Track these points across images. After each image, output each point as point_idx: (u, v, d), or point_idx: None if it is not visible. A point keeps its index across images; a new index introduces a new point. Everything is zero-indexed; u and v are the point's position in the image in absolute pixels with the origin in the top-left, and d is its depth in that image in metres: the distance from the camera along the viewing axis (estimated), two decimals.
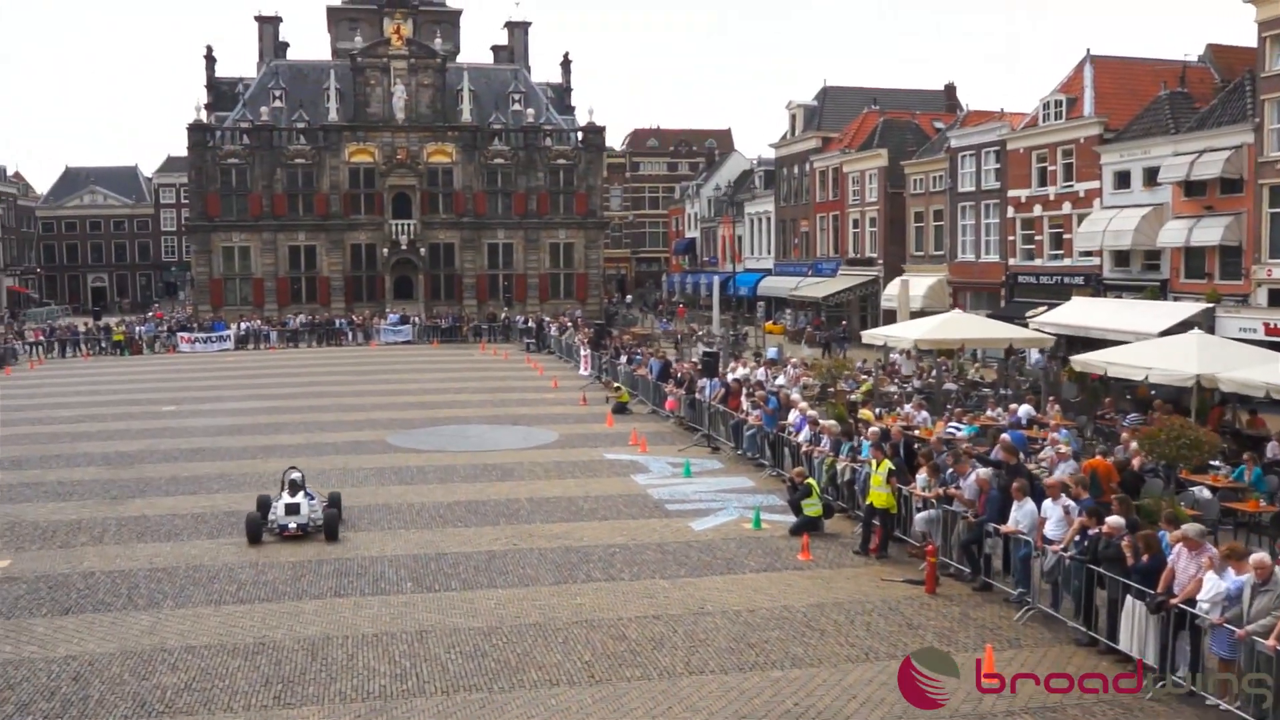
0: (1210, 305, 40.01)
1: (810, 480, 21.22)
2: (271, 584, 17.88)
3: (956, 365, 41.92)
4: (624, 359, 42.58)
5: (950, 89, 76.02)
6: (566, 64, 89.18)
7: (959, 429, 27.52)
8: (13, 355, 59.61)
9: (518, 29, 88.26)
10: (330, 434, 32.95)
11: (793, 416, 25.99)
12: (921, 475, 19.42)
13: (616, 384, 38.70)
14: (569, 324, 61.60)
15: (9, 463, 28.97)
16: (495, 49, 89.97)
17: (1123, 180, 45.74)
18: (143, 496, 24.66)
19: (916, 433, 27.92)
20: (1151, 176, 43.76)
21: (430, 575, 18.30)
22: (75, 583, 18.09)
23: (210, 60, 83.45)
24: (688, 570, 18.54)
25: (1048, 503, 16.29)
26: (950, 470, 18.70)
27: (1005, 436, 24.40)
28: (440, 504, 23.55)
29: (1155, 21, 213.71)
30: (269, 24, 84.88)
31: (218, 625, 15.95)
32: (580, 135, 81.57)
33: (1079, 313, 44.10)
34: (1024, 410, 30.57)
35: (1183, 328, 38.85)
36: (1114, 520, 14.50)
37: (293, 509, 20.96)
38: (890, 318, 58.49)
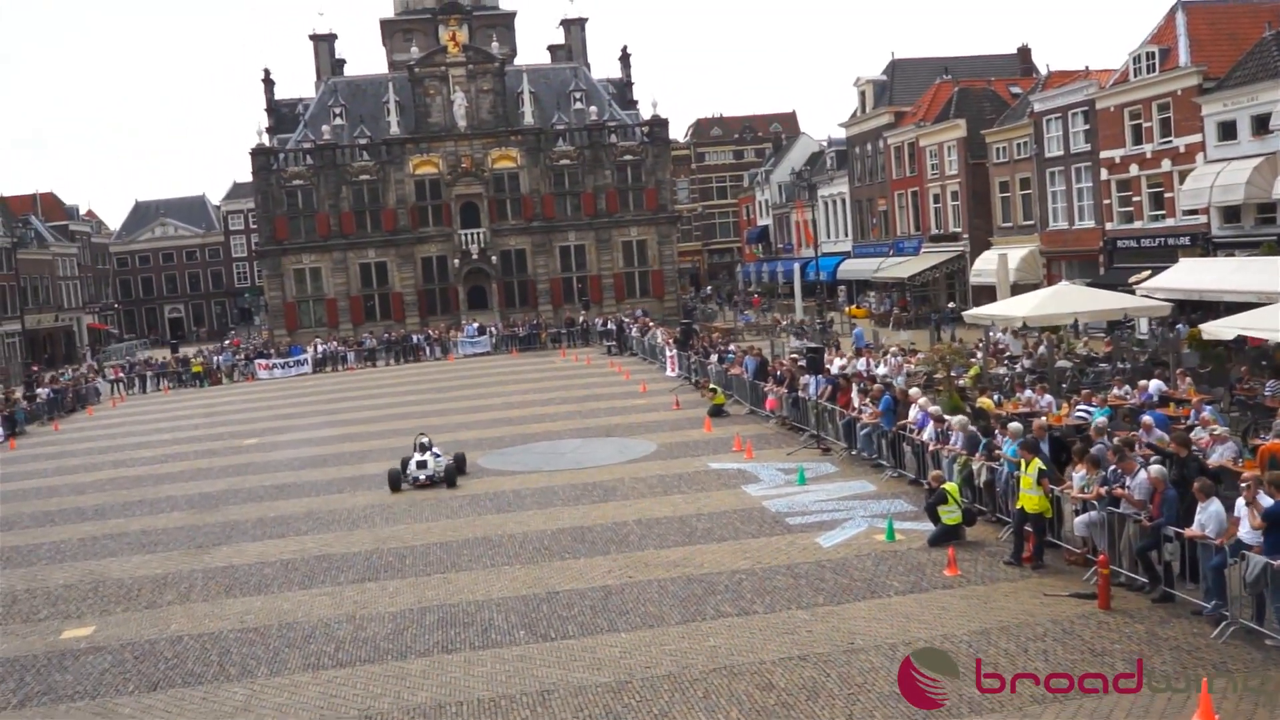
0: None
1: (948, 485, 19.28)
2: (372, 640, 16.40)
3: (1065, 341, 39.62)
4: (714, 358, 40.77)
5: (1024, 51, 73.41)
6: (626, 58, 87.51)
7: (1090, 412, 25.38)
8: (95, 394, 59.30)
9: (574, 26, 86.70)
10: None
11: (913, 413, 24.03)
12: (1079, 473, 17.44)
13: (712, 385, 36.90)
14: (650, 323, 59.88)
15: (93, 512, 27.96)
16: (552, 48, 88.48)
17: (1228, 131, 43.05)
18: (229, 543, 23.40)
19: (1043, 420, 25.89)
20: (1261, 124, 41.10)
21: (544, 620, 16.71)
22: (163, 650, 16.76)
23: (269, 83, 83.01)
24: (826, 596, 16.77)
25: (1240, 502, 14.30)
26: (1114, 468, 16.70)
27: (1147, 418, 22.32)
28: (543, 533, 21.98)
29: None
30: (324, 42, 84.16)
31: (317, 695, 14.47)
32: (645, 130, 79.78)
33: (1189, 275, 41.55)
34: (1154, 386, 28.29)
35: None
36: None
37: (422, 465, 27.73)
38: (980, 294, 56.17)
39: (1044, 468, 17.46)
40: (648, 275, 79.33)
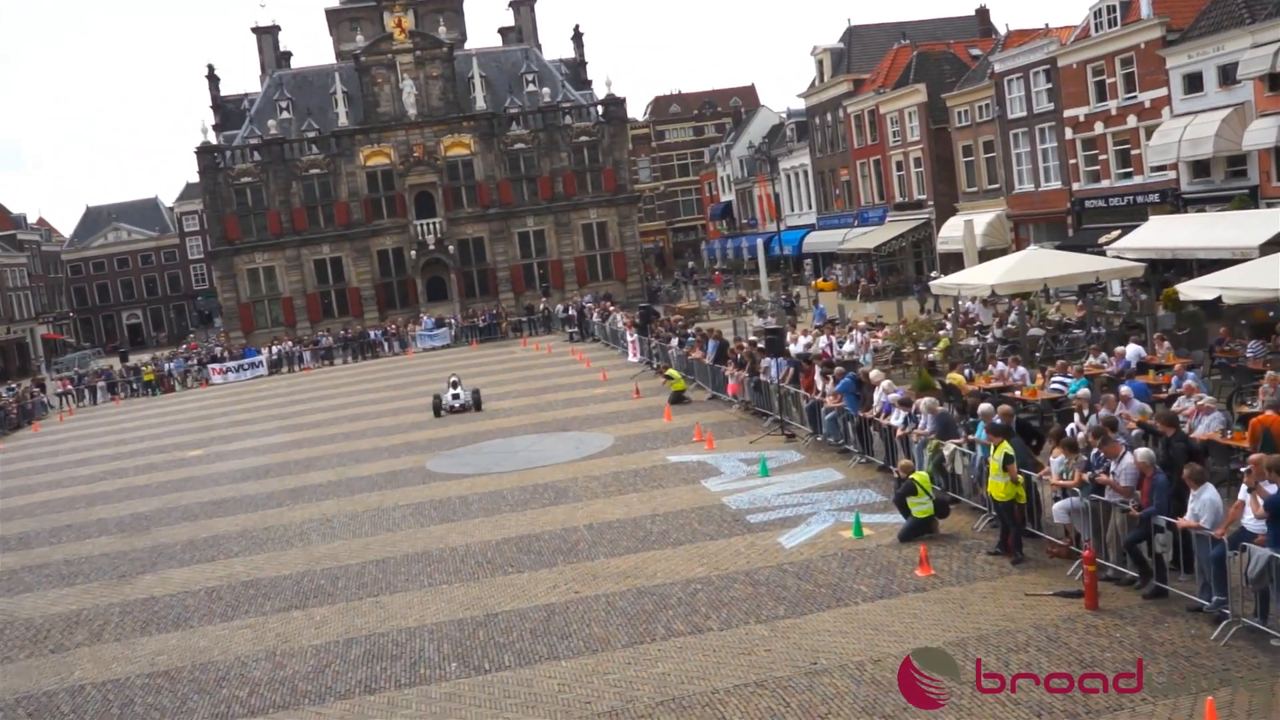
0: None
1: (917, 474, 17.79)
2: (289, 681, 14.84)
3: (1036, 307, 38.30)
4: (675, 341, 39.22)
5: (983, 12, 71.84)
6: (578, 37, 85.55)
7: (1066, 383, 24.02)
8: (43, 408, 57.34)
9: (524, 6, 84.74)
10: (365, 465, 29.95)
11: (877, 397, 22.54)
12: (1057, 458, 16.01)
13: (669, 371, 35.36)
14: (610, 308, 58.23)
15: (16, 542, 26.24)
16: (503, 30, 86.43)
17: (1194, 84, 41.68)
18: (155, 570, 21.76)
19: (1018, 394, 24.53)
20: (1228, 75, 39.73)
21: (479, 649, 15.17)
22: (60, 704, 15.16)
23: (213, 79, 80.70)
24: (787, 607, 15.28)
25: (1242, 488, 12.89)
26: (1096, 452, 15.26)
27: (1125, 389, 20.97)
28: (488, 544, 20.42)
29: None
30: (267, 34, 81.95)
31: None
32: (600, 109, 77.96)
33: (1160, 233, 40.22)
34: (1133, 352, 26.97)
35: None
36: None
37: (456, 397, 37.60)
38: (947, 262, 54.85)
39: (1010, 452, 16.00)
40: (609, 258, 77.68)
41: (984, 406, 18.16)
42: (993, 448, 16.32)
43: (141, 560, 22.72)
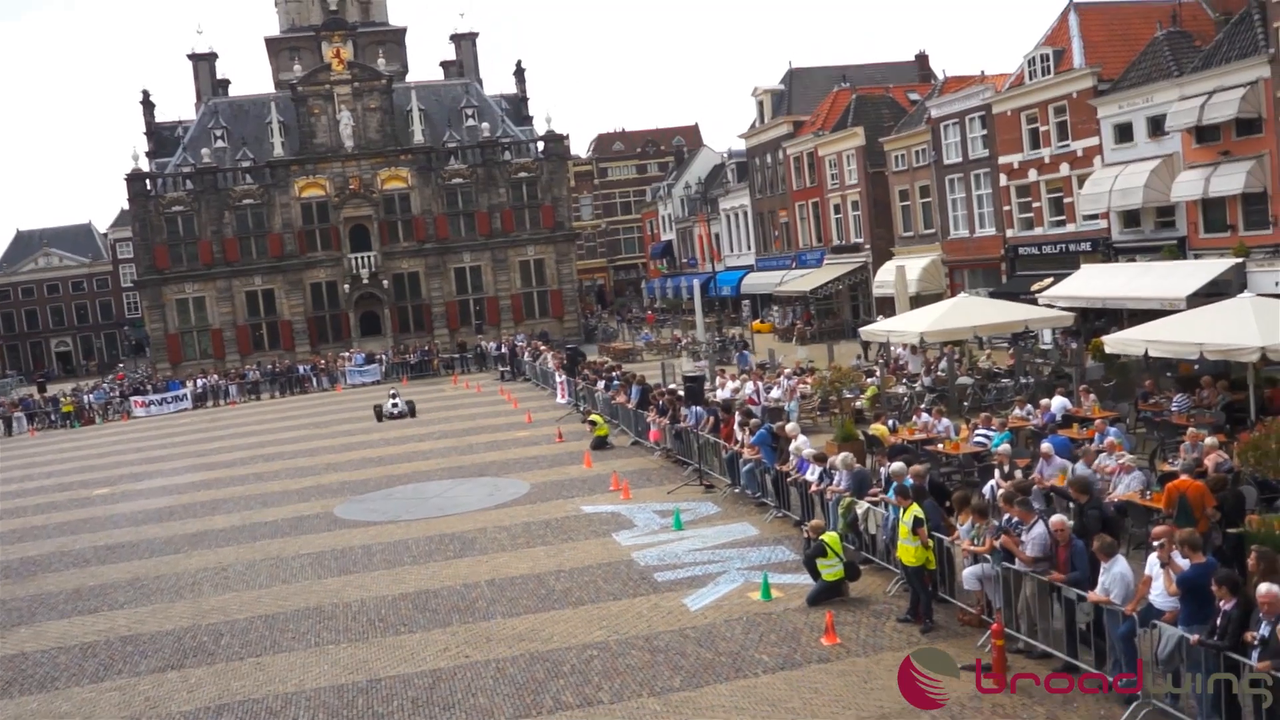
0: (1239, 260, 36.17)
1: (827, 535, 17.08)
2: None
3: (966, 354, 37.96)
4: (601, 384, 38.44)
5: (922, 58, 72.16)
6: (520, 73, 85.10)
7: (989, 436, 23.50)
8: None
9: (465, 41, 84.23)
10: (271, 510, 28.83)
11: (792, 450, 21.84)
12: (965, 522, 15.39)
13: (593, 415, 34.56)
14: (540, 347, 57.37)
15: None
16: (445, 64, 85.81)
17: (1125, 134, 41.82)
18: (31, 623, 20.55)
19: (940, 447, 23.98)
20: (1157, 126, 39.88)
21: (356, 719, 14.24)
22: None
23: (148, 105, 79.27)
24: (684, 678, 14.46)
25: (1152, 558, 12.29)
26: (1008, 517, 14.63)
27: (1046, 445, 20.47)
28: (383, 599, 19.46)
29: None
30: (204, 61, 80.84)
31: None
32: (540, 145, 77.36)
33: (1091, 282, 40.31)
34: (1058, 404, 26.52)
35: (1211, 288, 35.23)
36: (1268, 591, 10.46)
37: (395, 405, 44.62)
38: (884, 306, 54.58)
39: (920, 515, 15.35)
40: (546, 295, 76.93)
41: (895, 466, 17.52)
42: (902, 510, 15.67)
43: (19, 610, 21.49)
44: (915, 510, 15.38)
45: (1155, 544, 12.28)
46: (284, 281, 73.27)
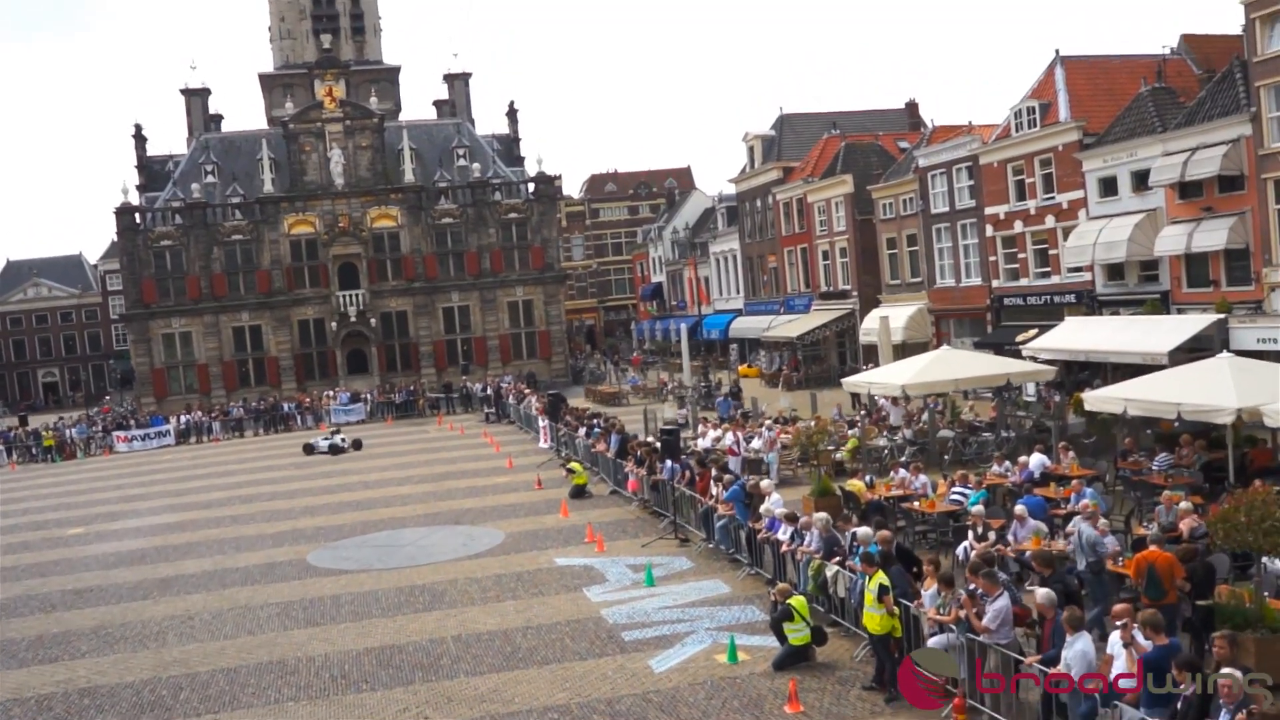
0: (1221, 316, 36.22)
1: (794, 599, 16.91)
2: None
3: (949, 405, 37.87)
4: (582, 431, 38.28)
5: (912, 106, 72.52)
6: (513, 113, 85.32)
7: (965, 494, 23.40)
8: None
9: (458, 81, 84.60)
10: (244, 555, 28.59)
11: (765, 509, 21.65)
12: (929, 589, 15.25)
13: (571, 464, 34.38)
14: (525, 390, 57.18)
15: None
16: (438, 104, 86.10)
17: (1109, 187, 42.00)
18: None
19: (917, 505, 23.85)
20: (1141, 180, 40.05)
21: None
22: None
23: (140, 139, 79.37)
24: None
25: (1114, 637, 12.15)
26: (974, 586, 14.49)
27: (1020, 508, 20.43)
28: (347, 654, 19.23)
29: (1120, 17, 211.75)
30: (197, 96, 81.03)
31: None
32: (531, 186, 77.51)
33: (1075, 334, 40.32)
34: (1036, 461, 26.50)
35: (1193, 343, 35.26)
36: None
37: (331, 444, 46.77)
38: (870, 353, 54.54)
39: (885, 583, 15.20)
40: (534, 336, 76.83)
41: (862, 531, 17.40)
42: (868, 578, 15.53)
43: None
44: (881, 578, 15.25)
45: (1118, 623, 12.15)
46: (271, 318, 73.13)
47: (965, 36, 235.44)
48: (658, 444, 29.44)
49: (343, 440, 48.95)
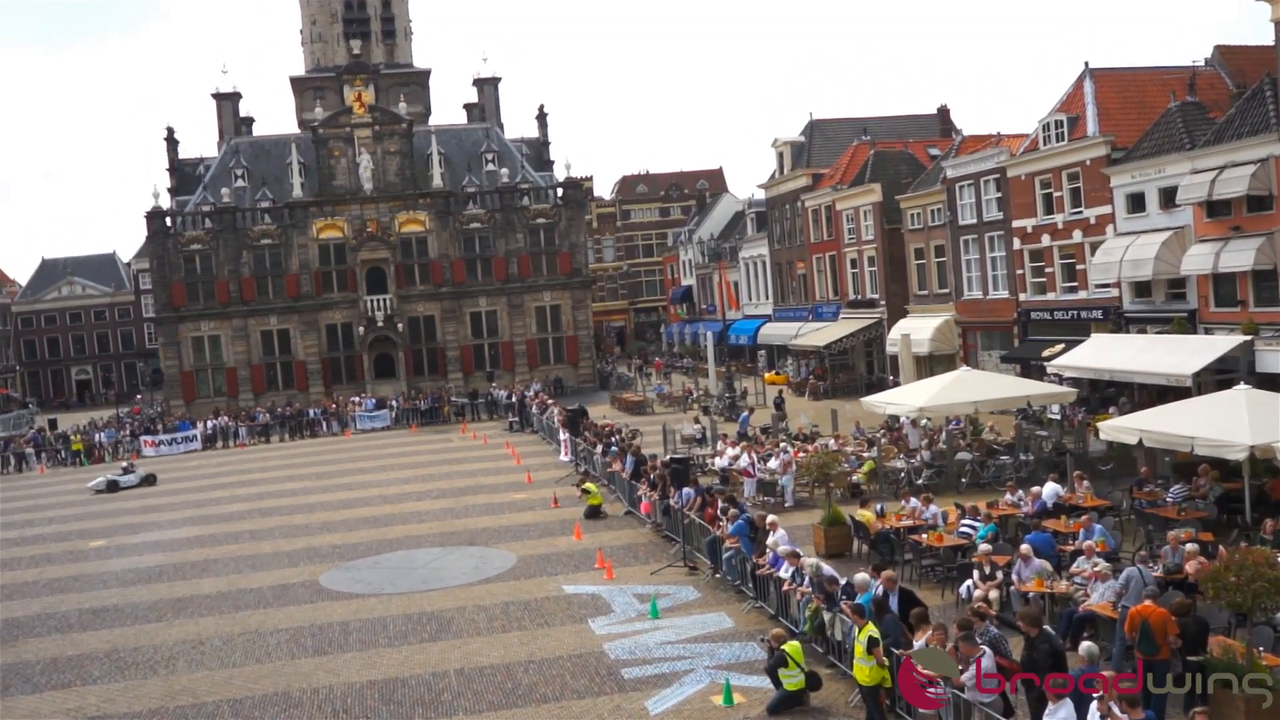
0: (1247, 338, 35.73)
1: (789, 645, 16.84)
2: None
3: (969, 423, 37.55)
4: (600, 449, 38.25)
5: (944, 112, 72.24)
6: (542, 117, 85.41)
7: (974, 528, 23.23)
8: None
9: (487, 85, 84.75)
10: (259, 575, 28.77)
11: (770, 542, 21.58)
12: (920, 639, 15.14)
13: (586, 485, 34.37)
14: (548, 401, 57.14)
15: None
16: (468, 106, 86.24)
17: (1137, 203, 41.58)
18: (4, 697, 20.49)
19: (924, 538, 23.67)
20: (1169, 197, 39.60)
21: None
22: None
23: (172, 142, 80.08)
24: None
25: (1093, 708, 12.02)
26: (953, 644, 14.35)
27: (1025, 546, 20.24)
28: (350, 687, 19.33)
29: (1153, 28, 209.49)
30: (227, 101, 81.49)
31: None
32: (559, 191, 77.58)
33: (1100, 353, 39.91)
34: (1049, 491, 26.33)
35: (1219, 365, 34.90)
36: None
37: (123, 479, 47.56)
38: (896, 364, 54.32)
39: (875, 635, 15.10)
40: (562, 341, 76.91)
41: (859, 577, 17.31)
42: (858, 630, 15.44)
43: None
44: (870, 630, 15.16)
45: (1096, 696, 12.03)
46: (299, 322, 73.57)
47: (997, 43, 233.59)
48: (668, 468, 29.40)
49: (133, 477, 48.25)
